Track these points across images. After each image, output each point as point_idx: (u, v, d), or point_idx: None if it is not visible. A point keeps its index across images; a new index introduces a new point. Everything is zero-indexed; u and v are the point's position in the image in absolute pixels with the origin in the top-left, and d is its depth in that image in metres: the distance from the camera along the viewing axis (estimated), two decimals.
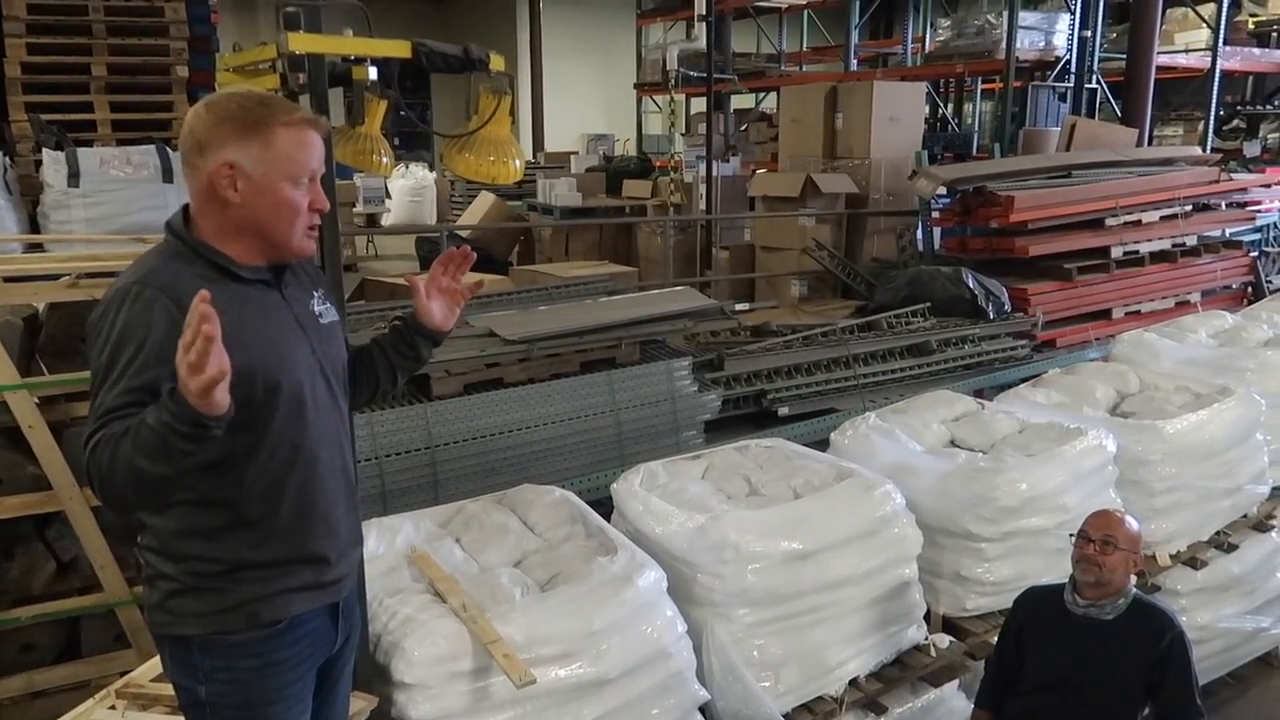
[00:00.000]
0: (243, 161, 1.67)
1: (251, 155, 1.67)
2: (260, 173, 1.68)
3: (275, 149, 1.68)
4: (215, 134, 1.67)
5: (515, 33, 20.08)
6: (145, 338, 1.57)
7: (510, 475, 3.95)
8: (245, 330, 1.66)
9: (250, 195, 1.68)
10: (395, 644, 2.37)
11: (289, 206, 1.71)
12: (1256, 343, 4.77)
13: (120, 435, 1.48)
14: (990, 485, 3.24)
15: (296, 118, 1.72)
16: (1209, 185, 7.71)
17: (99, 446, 1.50)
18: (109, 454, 1.48)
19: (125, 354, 1.57)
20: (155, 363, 1.55)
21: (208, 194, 1.69)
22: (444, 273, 1.97)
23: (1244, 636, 3.91)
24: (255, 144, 1.67)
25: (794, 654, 2.88)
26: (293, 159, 1.70)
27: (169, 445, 1.44)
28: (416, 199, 15.26)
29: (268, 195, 1.69)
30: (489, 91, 2.56)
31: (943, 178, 6.87)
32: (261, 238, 1.73)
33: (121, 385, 1.55)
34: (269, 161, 1.68)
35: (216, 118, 1.68)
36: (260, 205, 1.69)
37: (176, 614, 1.72)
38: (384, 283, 7.87)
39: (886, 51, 16.58)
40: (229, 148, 1.66)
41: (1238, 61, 12.03)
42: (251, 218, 1.70)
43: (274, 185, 1.69)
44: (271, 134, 1.68)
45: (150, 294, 1.60)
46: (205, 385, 1.37)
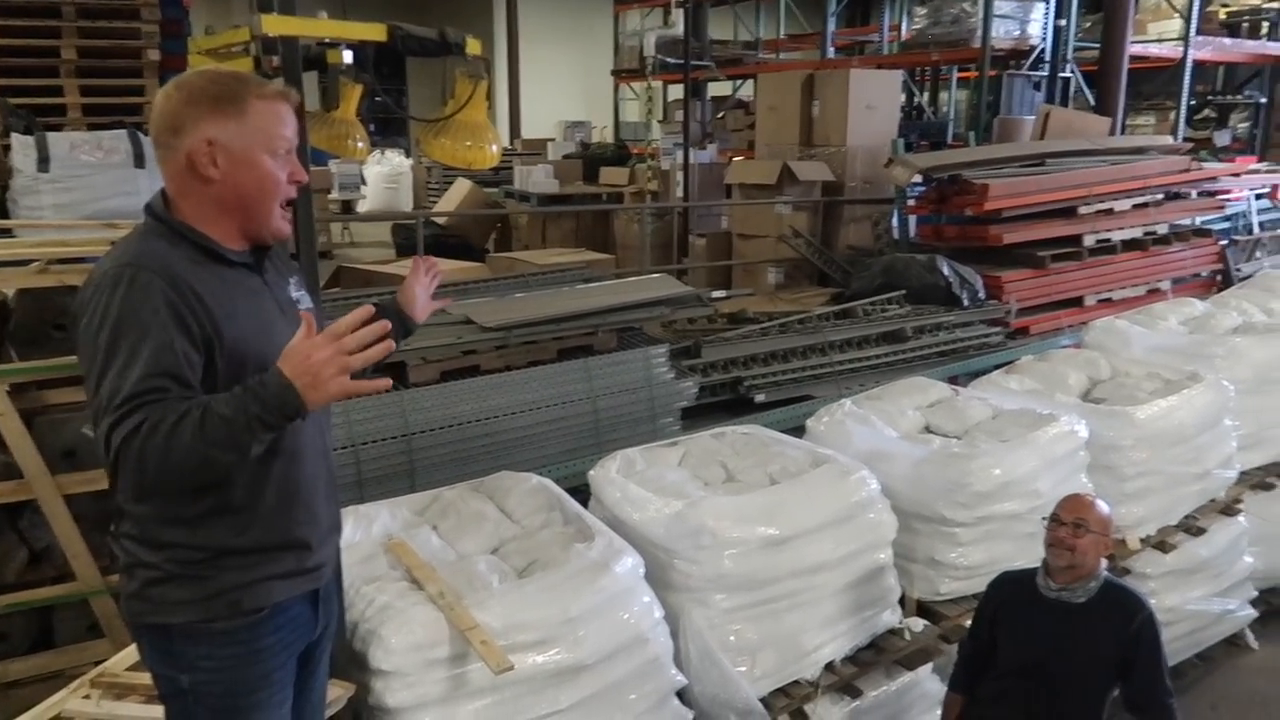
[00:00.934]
0: (221, 137, 1.67)
1: (229, 130, 1.67)
2: (240, 146, 1.68)
3: (252, 122, 1.69)
4: (190, 112, 1.66)
5: (492, 18, 19.92)
6: (152, 322, 1.56)
7: (487, 463, 3.95)
8: (235, 314, 1.66)
9: (231, 170, 1.68)
10: (372, 631, 2.37)
11: (270, 178, 1.72)
12: (1225, 330, 4.84)
13: (174, 423, 1.48)
14: (964, 471, 3.28)
15: (270, 90, 1.74)
16: (1180, 174, 7.80)
17: (138, 434, 1.49)
18: (161, 442, 1.48)
19: (131, 338, 1.56)
20: (172, 348, 1.56)
21: (187, 173, 1.68)
22: (426, 271, 2.07)
23: (1211, 618, 3.98)
24: (232, 119, 1.67)
25: (770, 639, 2.90)
26: (270, 131, 1.71)
27: (252, 434, 1.49)
28: (392, 185, 15.15)
29: (249, 169, 1.70)
30: (465, 76, 2.54)
31: (918, 166, 6.91)
32: (244, 214, 1.73)
33: (140, 370, 1.54)
34: (248, 135, 1.68)
35: (189, 96, 1.67)
36: (243, 179, 1.70)
37: (157, 602, 1.71)
38: (360, 270, 7.81)
39: (863, 39, 16.62)
40: (206, 124, 1.66)
41: (1209, 51, 12.15)
42: (234, 193, 1.70)
43: (255, 158, 1.70)
44: (247, 107, 1.68)
45: (146, 277, 1.59)
46: (349, 392, 1.49)
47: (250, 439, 1.50)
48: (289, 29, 1.92)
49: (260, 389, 1.49)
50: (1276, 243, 9.30)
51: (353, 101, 2.66)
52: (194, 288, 1.61)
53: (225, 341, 1.64)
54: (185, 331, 1.58)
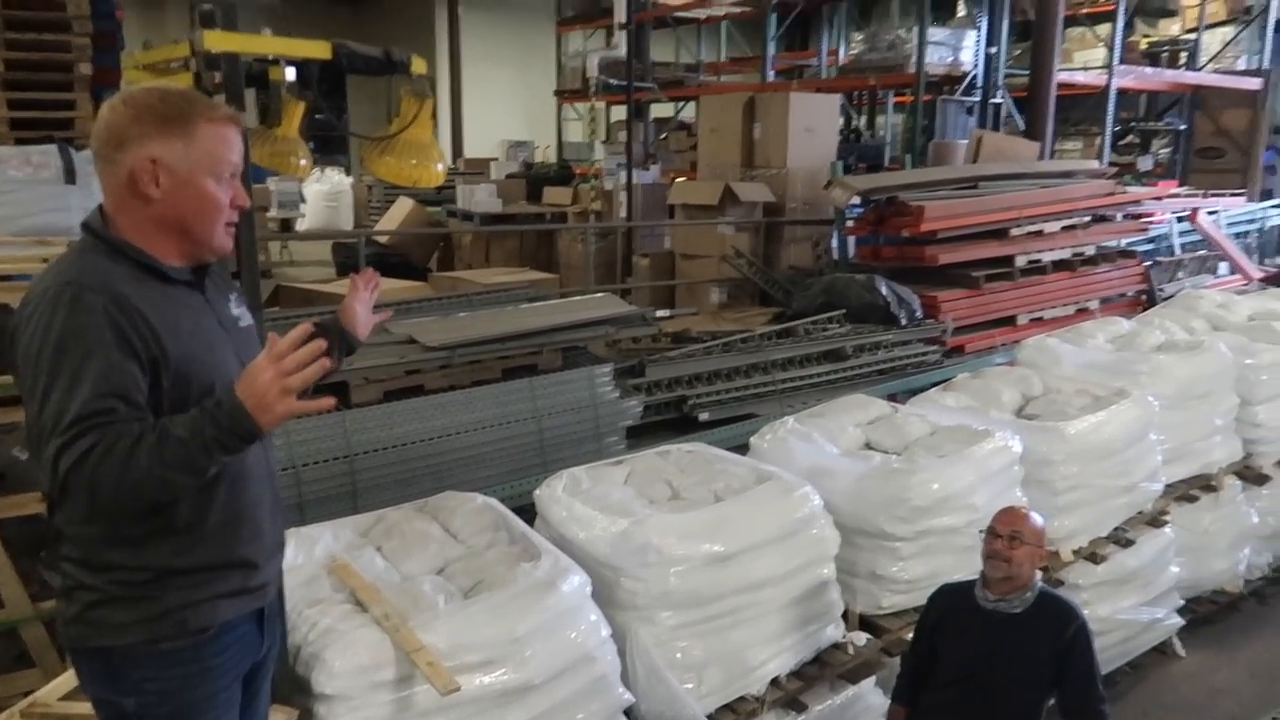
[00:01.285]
0: (165, 156, 1.65)
1: (175, 150, 1.66)
2: (184, 168, 1.67)
3: (199, 144, 1.68)
4: (136, 129, 1.65)
5: (433, 37, 19.86)
6: (97, 341, 1.54)
7: (431, 483, 3.92)
8: (179, 333, 1.65)
9: (173, 190, 1.67)
10: (315, 655, 2.33)
11: (212, 202, 1.71)
12: (1150, 347, 5.01)
13: (130, 445, 1.48)
14: (904, 486, 3.34)
15: (220, 114, 1.73)
16: (1106, 197, 8.09)
17: (89, 457, 1.48)
18: (116, 465, 1.48)
19: (76, 358, 1.53)
20: (119, 368, 1.54)
21: (127, 190, 1.66)
22: (365, 285, 2.04)
23: (1141, 627, 4.10)
24: (178, 139, 1.66)
25: (716, 655, 2.92)
26: (215, 154, 1.70)
27: (209, 456, 1.51)
28: (332, 204, 14.97)
29: (191, 190, 1.68)
30: (411, 95, 2.54)
31: (856, 188, 7.06)
32: (183, 235, 1.71)
33: (87, 391, 1.52)
34: (193, 157, 1.67)
35: (137, 112, 1.66)
36: (183, 201, 1.68)
37: (100, 625, 1.67)
38: (299, 289, 7.70)
39: (802, 63, 16.92)
40: (151, 142, 1.64)
41: (1132, 80, 12.62)
42: (174, 214, 1.68)
43: (198, 180, 1.68)
44: (195, 129, 1.67)
45: (89, 295, 1.56)
46: (295, 412, 1.49)
47: (208, 461, 1.52)
48: (233, 45, 1.90)
49: (216, 411, 1.50)
50: (1197, 264, 9.69)
51: (295, 119, 2.64)
52: (137, 306, 1.59)
53: (170, 360, 1.62)
54: (131, 351, 1.56)
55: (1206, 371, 4.64)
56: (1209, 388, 4.64)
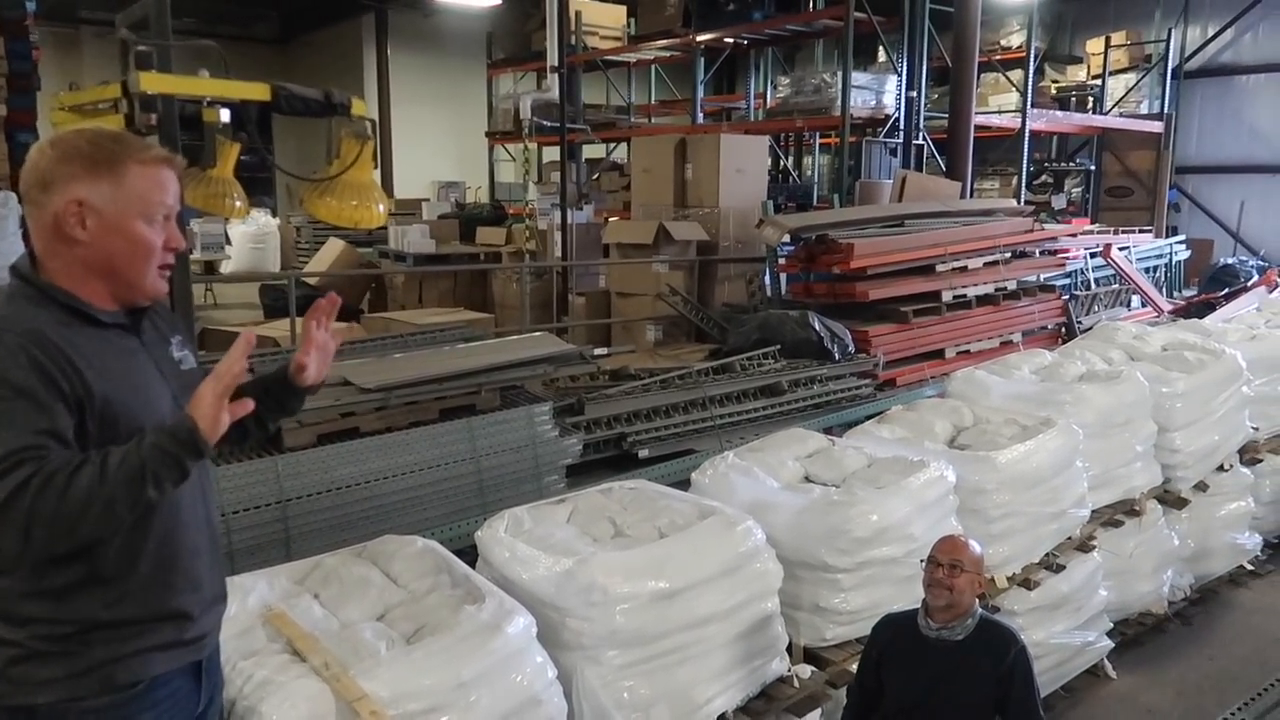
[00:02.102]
0: (93, 199, 1.62)
1: (102, 193, 1.62)
2: (112, 210, 1.63)
3: (128, 186, 1.64)
4: (62, 171, 1.61)
5: (362, 77, 19.79)
6: (22, 383, 1.50)
7: (368, 528, 3.84)
8: (107, 374, 1.60)
9: (100, 234, 1.63)
10: (251, 709, 2.24)
11: (143, 244, 1.67)
12: (1073, 378, 5.17)
13: (70, 472, 1.45)
14: (844, 518, 3.38)
15: (151, 155, 1.69)
16: (1025, 234, 8.39)
17: (26, 489, 1.43)
18: (54, 493, 1.43)
19: (2, 399, 1.49)
20: (48, 408, 1.51)
21: (53, 233, 1.63)
22: (317, 326, 1.94)
23: (1074, 650, 4.20)
24: (106, 181, 1.63)
25: (663, 693, 2.90)
26: (146, 197, 1.67)
27: (159, 478, 1.49)
28: (259, 245, 14.74)
29: (120, 234, 1.65)
30: (350, 136, 2.53)
31: (787, 226, 7.20)
32: (113, 278, 1.67)
33: (14, 429, 1.48)
34: (121, 199, 1.64)
35: (62, 154, 1.62)
36: (111, 244, 1.64)
37: (20, 682, 1.60)
38: (225, 332, 7.54)
39: (730, 106, 17.27)
40: (77, 184, 1.61)
41: (1043, 123, 13.18)
42: (102, 257, 1.65)
43: (127, 223, 1.65)
44: (124, 171, 1.64)
45: (10, 338, 1.53)
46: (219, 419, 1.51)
47: (164, 480, 1.49)
48: (170, 87, 1.87)
49: (167, 433, 1.51)
50: (1111, 297, 10.08)
51: (230, 160, 2.60)
52: (62, 349, 1.56)
53: (96, 402, 1.58)
54: (57, 392, 1.53)
55: (1125, 400, 4.80)
56: (1129, 415, 4.80)
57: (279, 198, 19.09)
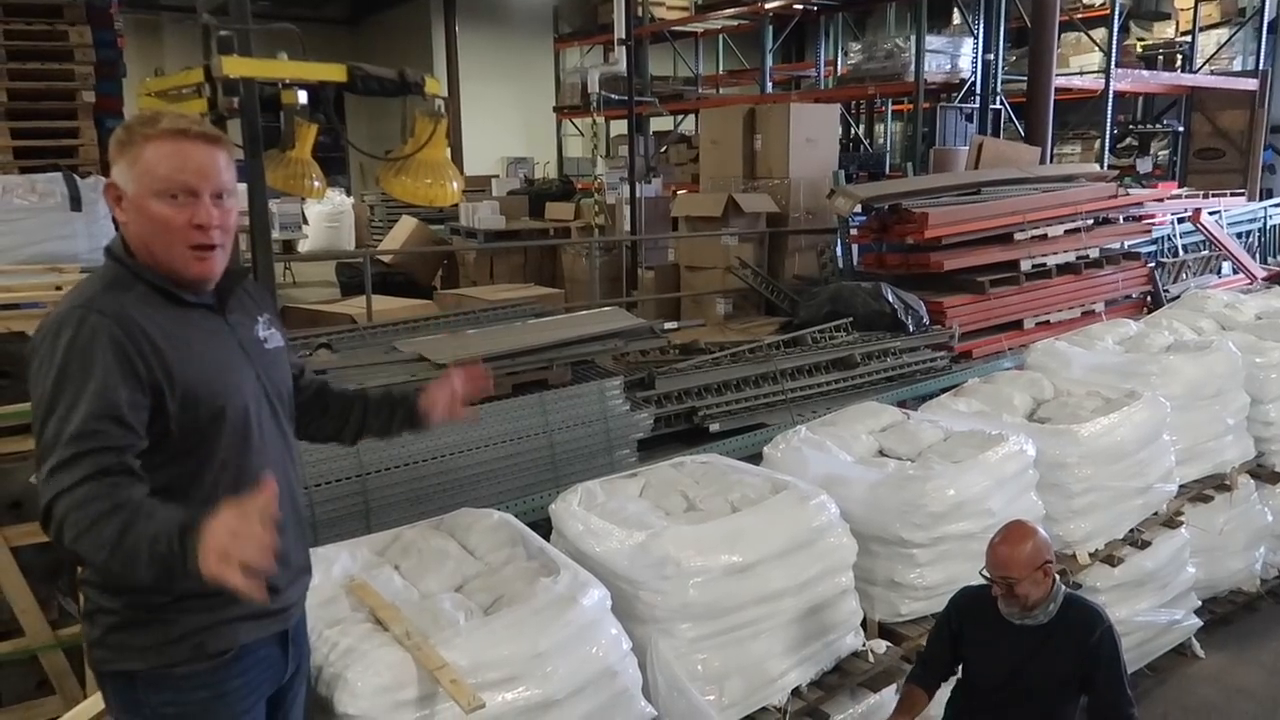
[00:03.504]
0: (119, 180, 1.66)
1: (123, 174, 1.66)
2: (132, 191, 1.65)
3: (141, 164, 1.64)
4: (111, 156, 1.68)
5: (431, 56, 19.96)
6: (97, 365, 1.54)
7: (444, 501, 3.91)
8: (189, 355, 1.65)
9: (130, 214, 1.67)
10: (337, 675, 2.32)
11: (159, 222, 1.64)
12: (1159, 348, 5.01)
13: (106, 511, 1.45)
14: (919, 492, 3.33)
15: (159, 128, 1.65)
16: (1108, 200, 8.10)
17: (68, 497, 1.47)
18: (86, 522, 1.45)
19: (76, 382, 1.54)
20: (116, 389, 1.54)
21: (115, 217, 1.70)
22: (464, 382, 2.03)
23: (1160, 629, 4.09)
24: (125, 161, 1.65)
25: (737, 666, 2.91)
26: (155, 172, 1.63)
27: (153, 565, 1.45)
28: (334, 224, 15.04)
29: (139, 213, 1.65)
30: (425, 115, 2.55)
31: (859, 196, 7.07)
32: (153, 258, 1.68)
33: (82, 413, 1.52)
34: (136, 178, 1.64)
35: (113, 140, 1.69)
36: (139, 224, 1.66)
37: (119, 649, 1.67)
38: (304, 309, 7.73)
39: (800, 74, 16.98)
40: (114, 168, 1.67)
41: (1128, 83, 12.66)
42: (138, 238, 1.68)
43: (142, 203, 1.64)
44: (138, 149, 1.64)
45: (95, 319, 1.57)
46: (224, 578, 1.35)
47: (150, 568, 1.45)
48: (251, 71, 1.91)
49: (181, 531, 1.42)
50: (1200, 264, 9.69)
51: (308, 141, 2.65)
52: (145, 330, 1.60)
53: (177, 384, 1.62)
54: (132, 374, 1.57)
55: (1216, 371, 4.63)
56: (1219, 387, 4.64)
57: (352, 177, 19.44)
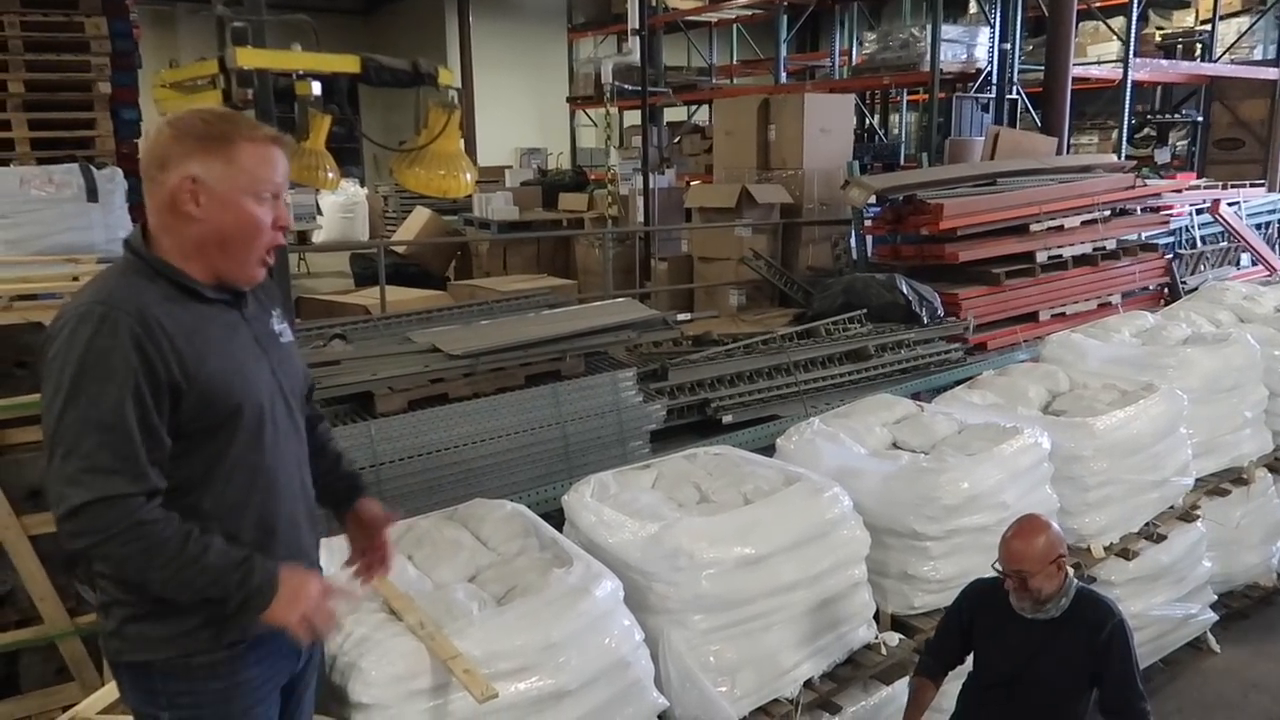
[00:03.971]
0: (205, 175, 1.66)
1: (214, 170, 1.67)
2: (223, 187, 1.68)
3: (239, 164, 1.68)
4: (178, 149, 1.67)
5: (445, 46, 19.95)
6: (118, 366, 1.56)
7: (457, 491, 3.93)
8: (208, 352, 1.66)
9: (212, 210, 1.68)
10: (351, 664, 2.34)
11: (251, 222, 1.71)
12: (1176, 341, 4.97)
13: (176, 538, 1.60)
14: (933, 485, 3.32)
15: (261, 134, 1.74)
16: (1125, 191, 8.02)
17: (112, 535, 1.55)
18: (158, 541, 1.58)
19: (97, 381, 1.55)
20: (137, 395, 1.57)
21: (169, 209, 1.68)
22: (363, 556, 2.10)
23: (1175, 623, 4.07)
24: (218, 158, 1.67)
25: (749, 658, 2.91)
26: (256, 174, 1.70)
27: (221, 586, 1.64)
28: (348, 215, 15.07)
29: (230, 211, 1.69)
30: (438, 106, 2.55)
31: (874, 187, 7.03)
32: (221, 256, 1.72)
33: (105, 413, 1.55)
34: (232, 176, 1.68)
35: (178, 133, 1.68)
36: (222, 220, 1.69)
37: (135, 640, 1.69)
38: (319, 300, 7.76)
39: (814, 64, 16.87)
40: (191, 162, 1.66)
41: (1147, 73, 12.52)
42: (213, 234, 1.69)
43: (236, 200, 1.69)
44: (236, 149, 1.68)
45: (116, 316, 1.58)
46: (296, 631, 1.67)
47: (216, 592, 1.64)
48: (264, 62, 1.91)
49: (252, 570, 1.65)
50: (1219, 255, 9.60)
51: (322, 132, 2.66)
52: (165, 328, 1.61)
53: (194, 382, 1.63)
54: (150, 374, 1.58)
55: (1234, 364, 4.60)
56: (1237, 380, 4.60)
57: (367, 168, 19.47)
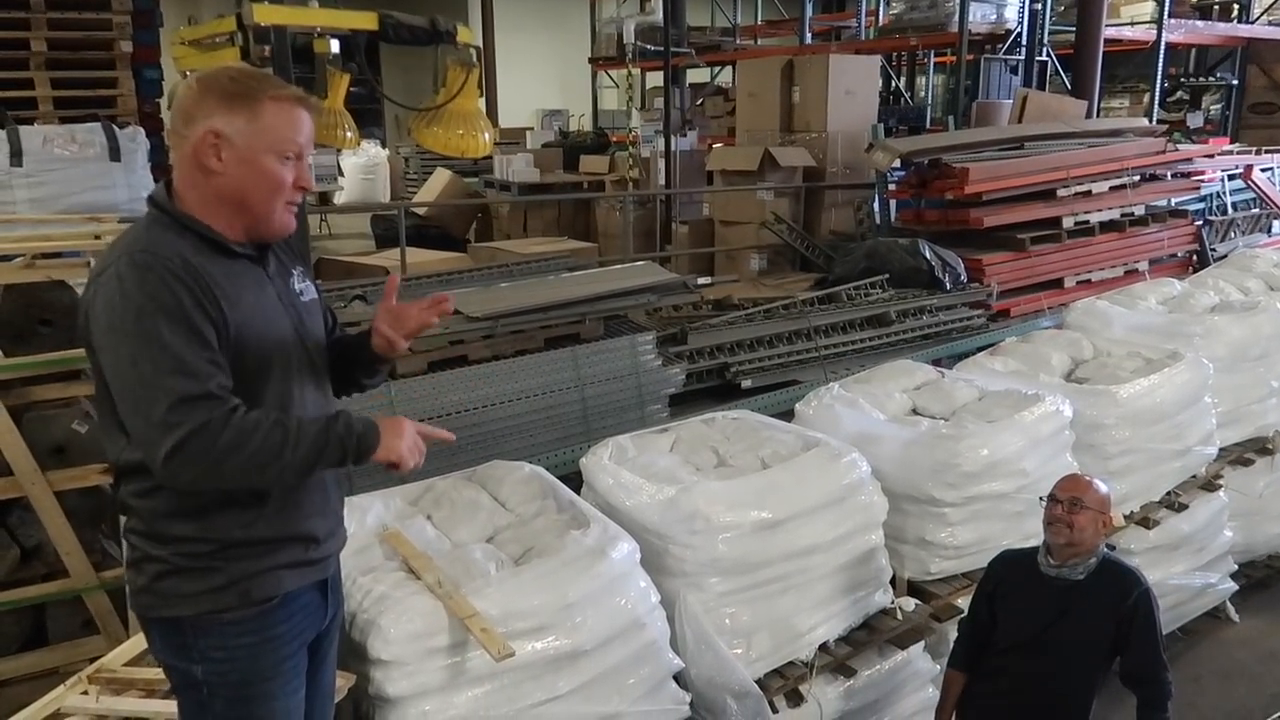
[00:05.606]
0: (227, 131, 1.67)
1: (237, 125, 1.68)
2: (245, 143, 1.68)
3: (262, 121, 1.69)
4: (203, 104, 1.68)
5: (465, 5, 19.77)
6: (175, 306, 1.58)
7: (477, 453, 3.95)
8: (239, 304, 1.67)
9: (234, 165, 1.69)
10: (371, 622, 2.36)
11: (272, 178, 1.72)
12: (1203, 309, 4.90)
13: (271, 426, 1.62)
14: (952, 451, 3.30)
15: (286, 93, 1.74)
16: (1155, 156, 7.88)
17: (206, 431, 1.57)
18: (241, 439, 1.58)
19: (158, 324, 1.57)
20: (200, 333, 1.60)
21: (192, 163, 1.69)
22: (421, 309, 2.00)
23: (1194, 592, 4.05)
24: (241, 115, 1.68)
25: (765, 621, 2.92)
26: (278, 133, 1.71)
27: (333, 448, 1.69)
28: (369, 176, 15.07)
29: (251, 166, 1.70)
30: (457, 64, 2.53)
31: (899, 150, 6.94)
32: (244, 211, 1.73)
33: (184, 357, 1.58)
34: (255, 133, 1.69)
35: (205, 89, 1.69)
36: (243, 175, 1.70)
37: (167, 595, 1.71)
38: (340, 261, 7.78)
39: (840, 25, 16.60)
40: (215, 117, 1.67)
41: (1181, 34, 12.25)
42: (234, 188, 1.70)
43: (258, 156, 1.70)
44: (259, 106, 1.69)
45: (163, 263, 1.60)
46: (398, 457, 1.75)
47: (330, 451, 1.68)
48: (281, 18, 1.90)
49: (350, 422, 1.71)
50: (1250, 222, 9.43)
51: (340, 91, 2.64)
52: (202, 277, 1.63)
53: (231, 328, 1.65)
54: (202, 312, 1.61)
55: (1262, 332, 4.53)
56: (1265, 349, 4.54)
57: (387, 129, 19.42)
